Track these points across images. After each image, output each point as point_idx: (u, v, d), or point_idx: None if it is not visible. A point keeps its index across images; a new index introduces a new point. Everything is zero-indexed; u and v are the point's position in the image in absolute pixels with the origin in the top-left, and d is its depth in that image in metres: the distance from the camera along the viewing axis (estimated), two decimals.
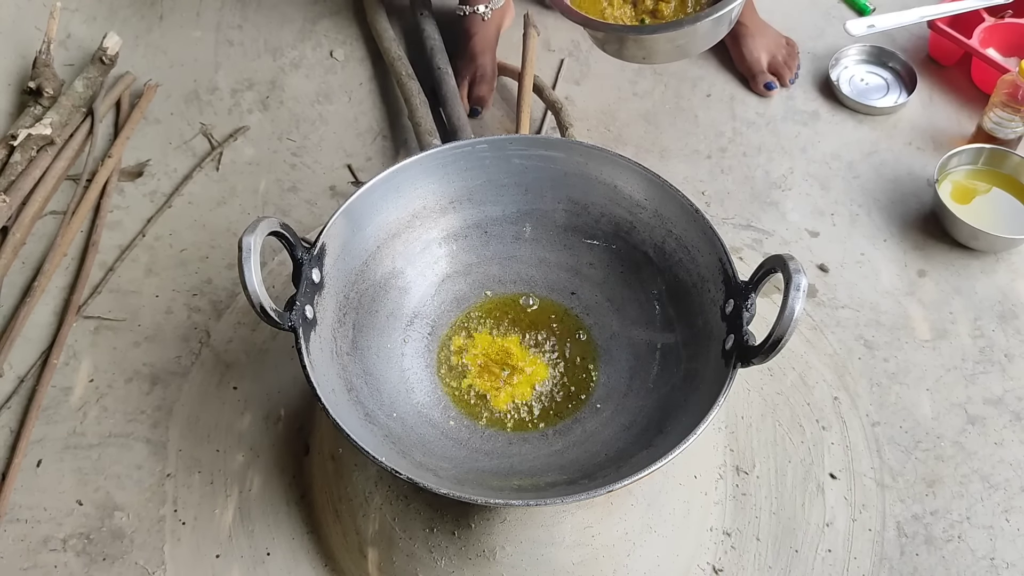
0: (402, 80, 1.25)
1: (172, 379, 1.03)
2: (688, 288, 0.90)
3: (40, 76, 1.21)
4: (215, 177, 1.23)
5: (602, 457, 0.82)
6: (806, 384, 1.03)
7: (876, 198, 1.20)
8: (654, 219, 0.92)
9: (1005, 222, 1.13)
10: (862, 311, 1.09)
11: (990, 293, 1.11)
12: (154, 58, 1.36)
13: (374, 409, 0.83)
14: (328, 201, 1.20)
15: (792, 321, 0.71)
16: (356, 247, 0.90)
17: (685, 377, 0.85)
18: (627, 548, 0.84)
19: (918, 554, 0.91)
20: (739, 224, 1.18)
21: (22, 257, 1.13)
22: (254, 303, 0.75)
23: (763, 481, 0.95)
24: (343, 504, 0.89)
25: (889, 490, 0.95)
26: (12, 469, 0.95)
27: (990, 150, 1.17)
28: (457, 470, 0.81)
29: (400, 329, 0.93)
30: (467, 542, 0.83)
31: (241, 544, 0.92)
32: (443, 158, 0.93)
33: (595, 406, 0.89)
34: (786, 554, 0.91)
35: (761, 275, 0.79)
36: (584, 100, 1.31)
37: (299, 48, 1.38)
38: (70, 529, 0.92)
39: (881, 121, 1.29)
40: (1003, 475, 0.96)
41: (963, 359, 1.05)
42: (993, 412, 1.01)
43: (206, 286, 1.11)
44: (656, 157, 1.25)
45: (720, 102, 1.31)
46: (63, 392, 1.02)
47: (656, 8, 1.06)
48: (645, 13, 1.06)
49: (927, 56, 1.36)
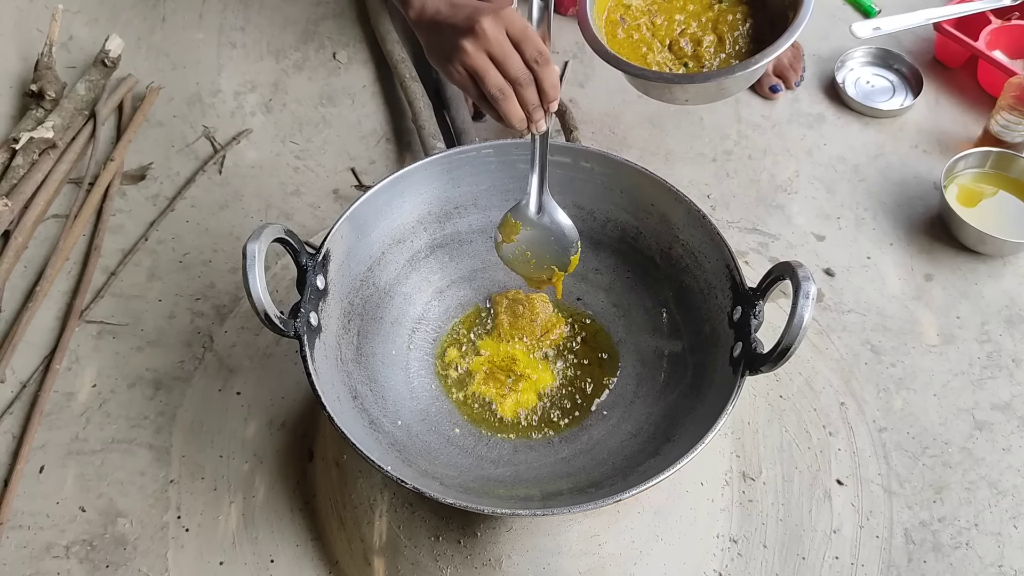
0: (406, 83, 1.25)
1: (175, 384, 1.03)
2: (695, 294, 0.89)
3: (42, 79, 1.21)
4: (218, 180, 1.22)
5: (609, 465, 0.81)
6: (813, 389, 1.02)
7: (882, 201, 1.20)
8: (660, 224, 0.92)
9: (1012, 226, 1.13)
10: (868, 315, 1.09)
11: (997, 297, 1.10)
12: (156, 60, 1.35)
13: (379, 417, 0.83)
14: (332, 204, 1.20)
15: (801, 329, 0.71)
16: (360, 253, 0.89)
17: (692, 384, 0.85)
18: (634, 557, 0.84)
19: (926, 561, 0.91)
20: (745, 228, 1.17)
21: (24, 261, 1.13)
22: (258, 311, 0.74)
23: (770, 487, 0.95)
24: (348, 511, 0.88)
25: (896, 496, 0.95)
26: (14, 475, 0.95)
27: (997, 153, 1.17)
28: (463, 478, 0.81)
29: (405, 335, 0.92)
30: (473, 551, 0.82)
31: (245, 551, 0.91)
32: (448, 163, 0.92)
33: (601, 413, 0.89)
34: (793, 561, 0.91)
35: (769, 282, 0.78)
36: (588, 103, 1.31)
37: (302, 50, 1.37)
38: (73, 536, 0.92)
39: (887, 124, 1.28)
40: (1011, 481, 0.96)
41: (970, 364, 1.05)
42: (1001, 418, 1.00)
43: (209, 290, 1.11)
44: (661, 160, 1.24)
45: (725, 105, 1.31)
46: (65, 397, 1.01)
47: (696, 52, 1.05)
48: (687, 58, 1.06)
49: (933, 58, 1.35)
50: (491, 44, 0.77)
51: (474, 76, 0.78)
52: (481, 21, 0.77)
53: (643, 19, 1.08)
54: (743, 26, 1.07)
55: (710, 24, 1.08)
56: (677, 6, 1.09)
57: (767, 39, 1.04)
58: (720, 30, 1.07)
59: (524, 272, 0.91)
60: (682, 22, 1.08)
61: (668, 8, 1.09)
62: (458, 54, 0.78)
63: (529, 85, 0.78)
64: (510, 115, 0.79)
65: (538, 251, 0.89)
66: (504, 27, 0.77)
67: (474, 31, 0.77)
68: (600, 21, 1.08)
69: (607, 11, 1.09)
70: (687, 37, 1.06)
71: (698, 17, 1.08)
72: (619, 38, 1.08)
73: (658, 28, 1.08)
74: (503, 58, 0.77)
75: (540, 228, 0.89)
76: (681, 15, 1.08)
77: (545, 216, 0.88)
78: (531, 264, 0.90)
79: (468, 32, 0.77)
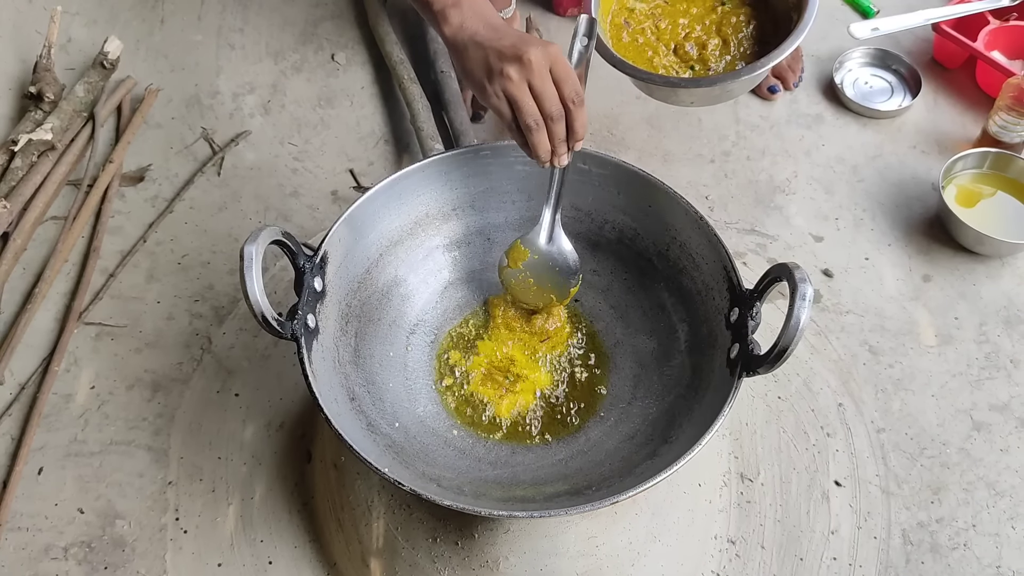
0: (404, 84, 1.25)
1: (174, 386, 1.03)
2: (692, 296, 0.89)
3: (41, 81, 1.21)
4: (216, 182, 1.22)
5: (606, 467, 0.81)
6: (810, 390, 1.02)
7: (880, 202, 1.20)
8: (658, 226, 0.92)
9: (1010, 226, 1.13)
10: (866, 316, 1.09)
11: (995, 298, 1.10)
12: (155, 62, 1.35)
13: (376, 419, 0.83)
14: (330, 206, 1.20)
15: (798, 331, 0.71)
16: (358, 255, 0.89)
17: (690, 386, 0.85)
18: (631, 558, 0.84)
19: (923, 562, 0.91)
20: (743, 228, 1.17)
21: (23, 263, 1.13)
22: (256, 313, 0.74)
23: (768, 488, 0.95)
24: (346, 513, 0.88)
25: (894, 497, 0.95)
26: (13, 477, 0.95)
27: (995, 154, 1.17)
28: (460, 480, 0.81)
29: (402, 337, 0.92)
30: (470, 552, 0.82)
31: (243, 553, 0.91)
32: (446, 164, 0.92)
33: (599, 414, 0.89)
34: (791, 562, 0.91)
35: (766, 284, 0.78)
36: (587, 104, 1.30)
37: (300, 52, 1.37)
38: (71, 537, 0.92)
39: (885, 124, 1.29)
40: (1009, 482, 0.96)
41: (968, 365, 1.05)
42: (999, 418, 1.00)
43: (208, 292, 1.11)
44: (659, 161, 1.25)
45: (723, 106, 1.30)
46: (64, 399, 1.02)
47: (702, 55, 1.05)
48: (692, 61, 1.06)
49: (931, 59, 1.35)
50: (534, 76, 0.79)
51: (511, 102, 0.80)
52: (529, 52, 0.79)
53: (647, 23, 1.08)
54: (747, 28, 1.07)
55: (714, 27, 1.08)
56: (680, 9, 1.09)
57: (771, 39, 1.04)
58: (724, 32, 1.07)
59: (522, 297, 0.94)
60: (686, 25, 1.08)
61: (672, 12, 1.09)
62: (501, 79, 0.80)
63: (560, 121, 0.81)
64: (538, 147, 0.82)
65: (540, 278, 0.92)
66: (549, 63, 0.80)
67: (521, 60, 0.79)
68: (605, 25, 1.08)
69: (611, 15, 1.09)
70: (692, 41, 1.06)
71: (702, 20, 1.08)
72: (624, 42, 1.08)
73: (663, 32, 1.08)
74: (542, 92, 0.80)
75: (546, 257, 0.92)
76: (685, 19, 1.08)
77: (553, 246, 0.92)
78: (531, 290, 0.93)
79: (515, 60, 0.79)
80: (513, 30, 0.84)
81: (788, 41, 0.99)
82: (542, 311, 0.94)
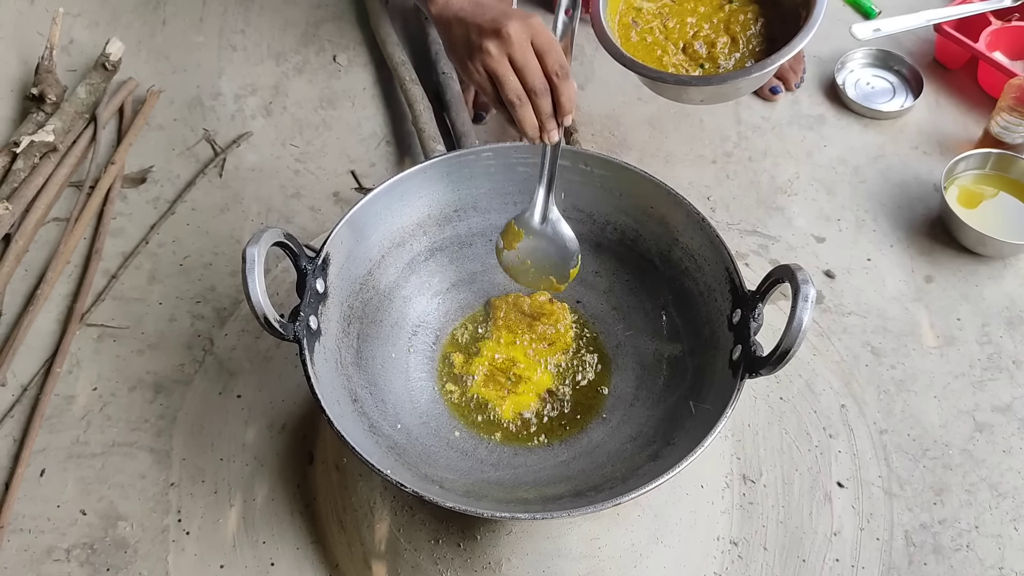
0: (405, 85, 1.25)
1: (176, 387, 1.03)
2: (695, 297, 0.89)
3: (43, 82, 1.21)
4: (218, 183, 1.22)
5: (608, 468, 0.81)
6: (813, 391, 1.02)
7: (882, 203, 1.20)
8: (660, 227, 0.92)
9: (1013, 227, 1.12)
10: (869, 317, 1.09)
11: (998, 299, 1.10)
12: (157, 64, 1.35)
13: (379, 420, 0.83)
14: (332, 207, 1.20)
15: (800, 332, 0.71)
16: (360, 256, 0.89)
17: (692, 387, 0.85)
18: (634, 559, 0.84)
19: (926, 563, 0.91)
20: (745, 230, 1.17)
21: (25, 264, 1.13)
22: (258, 315, 0.74)
23: (770, 490, 0.95)
24: (348, 514, 0.88)
25: (897, 499, 0.95)
26: (15, 479, 0.95)
27: (997, 154, 1.17)
28: (462, 481, 0.81)
29: (404, 339, 0.92)
30: (473, 554, 0.82)
31: (245, 554, 0.91)
32: (447, 166, 0.92)
33: (601, 416, 0.89)
34: (793, 564, 0.91)
35: (768, 285, 0.78)
36: (588, 105, 1.31)
37: (302, 53, 1.37)
38: (73, 539, 0.92)
39: (887, 125, 1.28)
40: (1012, 483, 0.96)
41: (971, 366, 1.05)
42: (1001, 419, 1.00)
43: (209, 293, 1.11)
44: (661, 162, 1.24)
45: (725, 106, 1.31)
46: (66, 401, 1.02)
47: (711, 53, 1.05)
48: (702, 59, 1.06)
49: (933, 60, 1.35)
50: (515, 50, 0.77)
51: (493, 78, 0.79)
52: (508, 25, 0.77)
53: (655, 22, 1.08)
54: (755, 25, 1.07)
55: (722, 25, 1.07)
56: (688, 8, 1.09)
57: (779, 36, 1.04)
58: (732, 30, 1.07)
59: (522, 281, 0.92)
60: (694, 24, 1.08)
61: (679, 11, 1.09)
62: (480, 54, 0.78)
63: (545, 95, 0.79)
64: (524, 122, 0.80)
65: (538, 261, 0.90)
66: (530, 36, 0.78)
67: (500, 34, 0.77)
68: (613, 24, 1.08)
69: (619, 14, 1.09)
70: (701, 39, 1.06)
71: (710, 19, 1.08)
72: (633, 41, 1.08)
73: (671, 31, 1.08)
74: (524, 65, 0.78)
75: (542, 238, 0.89)
76: (692, 17, 1.08)
77: (548, 227, 0.89)
78: (529, 273, 0.91)
79: (494, 34, 0.78)
80: (498, 5, 0.82)
81: (799, 37, 0.98)
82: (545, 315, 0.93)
